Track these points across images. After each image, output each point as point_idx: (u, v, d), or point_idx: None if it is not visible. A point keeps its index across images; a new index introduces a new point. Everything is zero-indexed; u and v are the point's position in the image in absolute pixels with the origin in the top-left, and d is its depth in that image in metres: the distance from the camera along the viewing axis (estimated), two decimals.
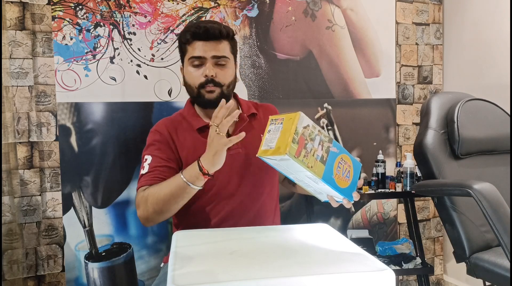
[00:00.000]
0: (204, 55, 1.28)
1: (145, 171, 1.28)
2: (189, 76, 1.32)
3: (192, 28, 1.29)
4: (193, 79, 1.31)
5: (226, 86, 1.32)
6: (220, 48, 1.29)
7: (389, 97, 2.30)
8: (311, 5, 2.13)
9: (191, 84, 1.32)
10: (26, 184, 1.78)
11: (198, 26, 1.28)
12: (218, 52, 1.28)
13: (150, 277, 1.93)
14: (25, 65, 1.76)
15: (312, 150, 0.95)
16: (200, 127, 1.34)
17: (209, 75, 1.28)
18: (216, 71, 1.29)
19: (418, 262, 2.01)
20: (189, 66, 1.31)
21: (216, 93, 1.30)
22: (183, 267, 0.80)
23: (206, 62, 1.29)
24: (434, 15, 2.36)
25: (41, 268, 1.82)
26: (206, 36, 1.27)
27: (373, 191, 2.00)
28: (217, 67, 1.29)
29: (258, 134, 1.34)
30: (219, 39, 1.29)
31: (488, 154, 1.69)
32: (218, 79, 1.29)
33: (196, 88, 1.31)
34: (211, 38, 1.28)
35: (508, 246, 1.22)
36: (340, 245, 0.94)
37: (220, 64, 1.30)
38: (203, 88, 1.30)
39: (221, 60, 1.30)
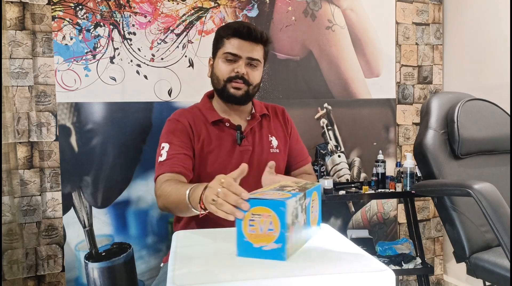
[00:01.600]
0: (240, 53, 1.31)
1: (163, 158, 1.29)
2: (219, 68, 1.34)
3: (236, 25, 1.33)
4: (222, 72, 1.34)
5: (253, 86, 1.36)
6: (256, 50, 1.33)
7: (389, 97, 2.30)
8: (311, 5, 2.13)
9: (219, 76, 1.35)
10: (26, 184, 1.78)
11: (241, 24, 1.32)
12: (253, 54, 1.32)
13: (150, 277, 1.93)
14: (25, 65, 1.76)
15: (300, 220, 0.87)
16: (215, 121, 1.38)
17: (240, 73, 1.32)
18: (248, 70, 1.33)
19: (418, 262, 2.01)
20: (221, 59, 1.34)
21: (242, 91, 1.34)
22: (183, 267, 0.80)
23: (239, 60, 1.32)
24: (434, 15, 2.36)
25: (41, 268, 1.82)
26: (247, 36, 1.30)
27: (373, 191, 2.00)
28: (248, 67, 1.33)
29: (267, 133, 1.43)
30: (257, 42, 1.32)
31: (488, 154, 1.69)
32: (248, 77, 1.33)
33: (223, 81, 1.34)
34: (251, 39, 1.31)
35: (508, 246, 1.22)
36: (340, 245, 0.94)
37: (252, 65, 1.34)
38: (230, 82, 1.33)
39: (254, 62, 1.34)
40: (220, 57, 1.34)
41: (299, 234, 0.86)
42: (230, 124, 1.38)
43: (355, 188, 2.04)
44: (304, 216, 0.88)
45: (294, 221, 0.82)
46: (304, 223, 0.89)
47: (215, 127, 1.38)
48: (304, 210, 0.88)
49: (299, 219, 0.85)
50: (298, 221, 0.85)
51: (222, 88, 1.35)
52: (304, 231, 0.90)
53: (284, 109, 1.54)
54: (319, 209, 0.98)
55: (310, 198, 0.92)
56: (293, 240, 0.83)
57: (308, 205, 0.91)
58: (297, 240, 0.86)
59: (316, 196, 0.96)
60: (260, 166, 1.37)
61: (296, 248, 0.86)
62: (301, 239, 0.88)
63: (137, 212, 1.93)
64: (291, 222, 0.81)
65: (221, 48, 1.34)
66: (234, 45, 1.31)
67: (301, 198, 0.86)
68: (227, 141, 1.37)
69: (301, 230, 0.87)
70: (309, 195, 0.92)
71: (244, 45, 1.31)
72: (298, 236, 0.86)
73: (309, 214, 0.91)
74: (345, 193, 1.98)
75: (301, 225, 0.87)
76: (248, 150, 1.38)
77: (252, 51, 1.32)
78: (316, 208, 0.96)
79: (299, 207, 0.86)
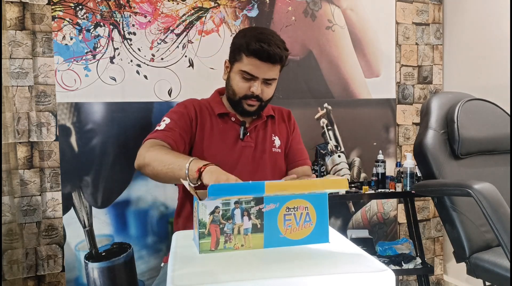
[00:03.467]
0: (257, 75, 1.32)
1: (161, 127, 1.32)
2: (235, 84, 1.35)
3: (255, 45, 1.28)
4: (239, 89, 1.35)
5: (266, 101, 1.39)
6: (273, 71, 1.33)
7: (389, 97, 2.30)
8: (311, 5, 2.13)
9: (235, 90, 1.36)
10: (26, 184, 1.78)
11: (261, 46, 1.27)
12: (270, 76, 1.33)
13: (150, 277, 1.93)
14: (25, 65, 1.75)
15: (234, 229, 0.84)
16: (221, 113, 1.40)
17: (255, 93, 1.33)
18: (263, 88, 1.35)
19: (418, 262, 2.01)
20: (238, 74, 1.34)
21: (255, 107, 1.37)
22: (183, 267, 0.80)
23: (256, 80, 1.33)
24: (434, 15, 2.35)
25: (41, 268, 1.82)
26: (266, 59, 1.30)
27: (373, 191, 2.01)
28: (263, 85, 1.35)
29: (270, 133, 1.45)
30: (275, 63, 1.32)
31: (488, 154, 1.69)
32: (262, 95, 1.35)
33: (239, 97, 1.36)
34: (270, 61, 1.31)
35: (508, 246, 1.22)
36: (340, 245, 0.94)
37: (267, 83, 1.35)
38: (245, 99, 1.35)
39: (270, 81, 1.35)
40: (237, 72, 1.34)
41: (232, 235, 0.86)
42: (235, 119, 1.41)
43: (355, 188, 2.05)
44: (255, 221, 0.86)
45: (218, 220, 0.84)
46: (257, 227, 0.86)
47: (220, 119, 1.40)
48: (255, 215, 0.86)
49: (234, 220, 0.85)
50: (223, 222, 0.85)
51: (236, 102, 1.37)
52: (254, 235, 0.86)
53: (290, 111, 1.56)
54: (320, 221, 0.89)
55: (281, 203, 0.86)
56: (217, 237, 0.84)
57: (271, 212, 0.86)
58: (230, 239, 0.85)
59: (308, 205, 0.89)
60: (260, 164, 1.39)
61: (229, 247, 0.85)
62: (245, 239, 0.86)
63: (137, 212, 1.92)
64: (211, 220, 0.84)
65: (239, 62, 1.33)
66: (252, 65, 1.31)
67: (244, 202, 0.85)
68: (230, 135, 1.40)
69: (240, 232, 0.86)
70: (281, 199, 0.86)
71: (262, 66, 1.30)
72: (231, 236, 0.86)
73: (269, 222, 0.86)
74: (345, 193, 1.98)
75: (237, 228, 0.85)
76: (250, 146, 1.40)
77: (269, 71, 1.32)
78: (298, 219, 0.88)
79: (237, 210, 0.85)
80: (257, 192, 0.83)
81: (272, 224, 0.86)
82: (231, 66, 1.38)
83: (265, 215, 0.86)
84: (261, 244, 0.85)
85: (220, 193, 0.81)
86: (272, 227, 0.86)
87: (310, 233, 0.88)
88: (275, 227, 0.86)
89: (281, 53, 1.31)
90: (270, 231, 0.85)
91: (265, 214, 0.86)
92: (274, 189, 0.82)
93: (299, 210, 0.87)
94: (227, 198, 0.84)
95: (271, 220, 0.86)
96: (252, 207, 0.85)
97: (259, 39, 1.29)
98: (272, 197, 0.86)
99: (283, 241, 0.86)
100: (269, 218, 0.85)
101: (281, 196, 0.87)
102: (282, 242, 0.86)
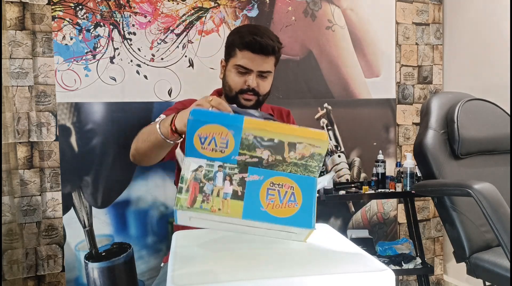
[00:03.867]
0: (251, 67, 1.33)
1: None
2: (231, 79, 1.36)
3: (248, 37, 1.30)
4: (235, 84, 1.36)
5: (263, 95, 1.39)
6: (267, 63, 1.34)
7: (389, 97, 2.30)
8: (311, 5, 2.13)
9: (231, 86, 1.37)
10: (26, 184, 1.78)
11: (254, 38, 1.30)
12: (264, 68, 1.34)
13: (150, 277, 1.93)
14: (25, 65, 1.75)
15: (214, 191, 0.81)
16: None
17: (251, 86, 1.34)
18: (258, 81, 1.35)
19: (418, 262, 2.01)
20: (233, 70, 1.35)
21: (252, 102, 1.37)
22: (183, 267, 0.80)
23: (251, 73, 1.34)
24: (434, 15, 2.35)
25: (41, 268, 1.82)
26: (260, 50, 1.31)
27: (373, 191, 2.01)
28: (259, 78, 1.35)
29: None
30: (268, 55, 1.33)
31: (488, 154, 1.69)
32: (258, 89, 1.35)
33: (235, 92, 1.36)
34: (263, 53, 1.31)
35: (508, 246, 1.22)
36: (340, 245, 0.94)
37: (263, 76, 1.36)
38: (241, 94, 1.36)
39: (265, 74, 1.35)
40: (232, 67, 1.36)
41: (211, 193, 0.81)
42: None
43: (355, 188, 2.05)
44: (237, 188, 0.82)
45: (199, 178, 0.81)
46: (237, 195, 0.82)
47: None
48: (237, 182, 0.82)
49: (215, 182, 0.82)
50: (204, 182, 0.81)
51: (233, 97, 1.38)
52: (234, 202, 0.82)
53: (290, 111, 1.56)
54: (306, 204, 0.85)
55: (266, 177, 0.84)
56: (195, 195, 0.81)
57: (254, 182, 0.83)
58: (208, 199, 0.81)
59: (294, 185, 0.84)
60: None
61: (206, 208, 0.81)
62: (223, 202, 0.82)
63: (137, 212, 1.93)
64: (193, 178, 0.81)
65: (233, 58, 1.35)
66: (246, 58, 1.32)
67: (234, 168, 0.82)
68: None
69: (219, 194, 0.82)
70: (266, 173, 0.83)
71: (255, 58, 1.32)
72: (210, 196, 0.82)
73: (251, 192, 0.82)
74: (345, 193, 1.98)
75: (217, 190, 0.82)
76: None
77: (263, 64, 1.33)
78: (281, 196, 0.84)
79: (219, 173, 0.82)
80: (235, 123, 0.80)
81: (254, 194, 0.82)
82: (226, 63, 1.40)
83: (247, 184, 0.82)
84: (240, 212, 0.81)
85: (201, 116, 0.80)
86: (253, 197, 0.82)
87: (293, 214, 0.83)
88: (256, 198, 0.82)
89: (274, 44, 1.32)
90: (250, 201, 0.81)
91: (248, 183, 0.82)
92: (252, 124, 0.81)
93: (284, 188, 0.83)
94: (210, 151, 0.81)
95: (253, 190, 0.82)
96: (236, 174, 0.82)
97: (252, 32, 1.31)
98: (257, 169, 0.83)
99: (263, 216, 0.82)
100: (251, 188, 0.82)
101: (266, 170, 0.84)
102: (262, 216, 0.82)
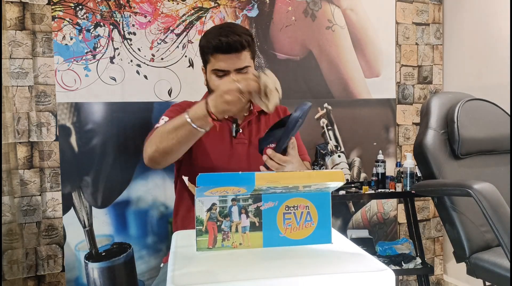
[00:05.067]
0: (227, 68, 1.31)
1: (160, 124, 1.31)
2: (212, 84, 1.35)
3: (214, 41, 1.30)
4: (216, 87, 1.33)
5: None
6: (241, 59, 1.32)
7: (389, 97, 2.30)
8: (311, 5, 2.13)
9: (214, 90, 1.34)
10: (26, 184, 1.78)
11: (220, 40, 1.29)
12: (240, 65, 1.32)
13: (150, 277, 1.93)
14: (25, 65, 1.75)
15: (232, 227, 0.82)
16: None
17: None
18: (239, 78, 1.32)
19: (418, 262, 2.01)
20: (213, 75, 1.34)
21: None
22: (183, 267, 0.80)
23: (229, 73, 1.32)
24: (434, 15, 2.35)
25: (41, 268, 1.82)
26: (228, 50, 1.29)
27: (373, 191, 2.00)
28: (239, 75, 1.32)
29: (264, 128, 1.43)
30: (240, 51, 1.31)
31: (488, 154, 1.69)
32: None
33: None
34: (233, 51, 1.30)
35: (508, 246, 1.22)
36: (340, 245, 0.94)
37: (242, 73, 1.33)
38: None
39: (243, 70, 1.33)
40: (211, 73, 1.35)
41: (230, 233, 0.84)
42: (227, 117, 1.39)
43: (355, 188, 2.04)
44: (253, 219, 0.84)
45: (215, 217, 0.83)
46: (255, 226, 0.85)
47: (214, 121, 1.38)
48: (253, 213, 0.84)
49: (232, 218, 0.84)
50: (221, 220, 0.83)
51: None
52: (253, 234, 0.85)
53: (286, 108, 1.54)
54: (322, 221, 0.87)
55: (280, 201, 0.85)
56: (214, 235, 0.83)
57: (270, 210, 0.84)
58: (228, 237, 0.84)
59: (309, 203, 0.86)
60: (255, 160, 1.37)
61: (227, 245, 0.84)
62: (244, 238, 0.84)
63: (137, 212, 1.93)
64: (209, 218, 0.82)
65: (209, 63, 1.34)
66: (220, 61, 1.31)
67: (246, 199, 0.83)
68: (224, 133, 1.39)
69: (237, 231, 0.85)
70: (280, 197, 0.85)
71: (228, 59, 1.30)
72: (230, 235, 0.84)
73: (268, 221, 0.84)
74: (345, 193, 1.98)
75: (235, 225, 0.84)
76: (244, 143, 1.40)
77: (238, 61, 1.31)
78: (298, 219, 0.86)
79: (234, 207, 0.84)
80: (247, 183, 0.80)
81: (271, 222, 0.84)
82: (205, 70, 1.39)
83: (263, 213, 0.84)
84: (260, 243, 0.84)
85: (209, 183, 0.78)
86: (271, 225, 0.84)
87: (311, 233, 0.86)
88: (274, 226, 0.84)
89: (241, 39, 1.30)
90: (269, 230, 0.84)
91: (264, 212, 0.84)
92: (264, 180, 0.79)
93: (299, 209, 0.85)
94: (223, 192, 0.81)
95: (270, 219, 0.84)
96: (250, 205, 0.83)
97: (217, 34, 1.30)
98: (270, 195, 0.84)
99: (283, 241, 0.84)
100: (268, 216, 0.84)
101: (279, 194, 0.85)
102: (282, 242, 0.85)
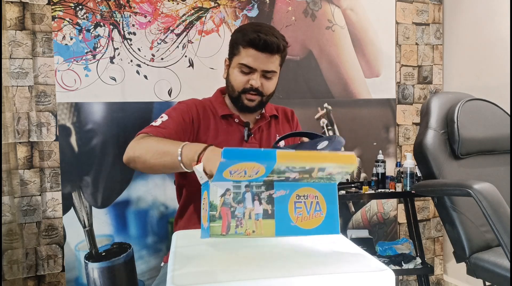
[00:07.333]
0: (255, 66, 1.28)
1: (157, 123, 1.27)
2: (234, 78, 1.32)
3: (252, 35, 1.26)
4: (237, 83, 1.32)
5: (267, 96, 1.35)
6: (271, 62, 1.29)
7: (389, 97, 2.30)
8: (311, 5, 2.13)
9: (234, 85, 1.33)
10: (26, 184, 1.78)
11: (258, 36, 1.25)
12: (268, 67, 1.29)
13: (150, 277, 1.93)
14: (25, 65, 1.76)
15: (245, 214, 0.82)
16: (225, 115, 1.37)
17: (254, 86, 1.30)
18: (262, 81, 1.31)
19: (418, 262, 2.01)
20: (236, 68, 1.31)
21: (256, 102, 1.33)
22: (183, 267, 0.80)
23: (254, 72, 1.29)
24: (434, 15, 2.36)
25: (41, 268, 1.82)
26: (263, 48, 1.26)
27: (373, 191, 2.00)
28: (263, 78, 1.31)
29: (275, 133, 1.42)
30: (273, 53, 1.28)
31: (488, 154, 1.69)
32: (262, 89, 1.31)
33: (238, 91, 1.33)
34: (268, 51, 1.27)
35: (508, 246, 1.22)
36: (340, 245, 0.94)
37: (267, 77, 1.31)
38: (244, 93, 1.32)
39: (269, 74, 1.31)
40: (235, 65, 1.32)
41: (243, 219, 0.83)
42: (239, 120, 1.38)
43: (355, 188, 2.04)
44: (266, 206, 0.84)
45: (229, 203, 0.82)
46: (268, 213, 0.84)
47: (224, 121, 1.37)
48: (266, 201, 0.84)
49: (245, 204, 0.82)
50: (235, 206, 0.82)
51: (236, 97, 1.34)
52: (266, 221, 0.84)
53: (293, 111, 1.52)
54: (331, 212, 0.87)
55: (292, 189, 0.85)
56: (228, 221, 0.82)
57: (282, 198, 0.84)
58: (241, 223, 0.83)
59: (317, 194, 0.87)
60: None
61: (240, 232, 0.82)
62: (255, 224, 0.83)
63: (137, 212, 1.93)
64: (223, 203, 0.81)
65: (237, 56, 1.31)
66: (250, 56, 1.27)
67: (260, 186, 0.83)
68: (235, 137, 1.37)
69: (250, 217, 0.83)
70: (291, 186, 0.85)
71: (259, 57, 1.27)
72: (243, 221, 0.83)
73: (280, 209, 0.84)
74: (345, 193, 1.98)
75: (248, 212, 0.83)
76: (255, 147, 1.38)
77: (268, 63, 1.28)
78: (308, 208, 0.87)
79: (248, 194, 0.83)
80: (269, 159, 0.79)
81: (283, 211, 0.84)
82: (230, 62, 1.36)
83: (276, 201, 0.84)
84: (273, 231, 0.82)
85: (234, 156, 0.77)
86: (283, 214, 0.84)
87: (320, 223, 0.86)
88: (286, 214, 0.84)
89: (279, 42, 1.27)
90: (281, 218, 0.83)
91: (276, 200, 0.84)
92: (285, 157, 0.79)
93: (309, 198, 0.85)
94: (242, 171, 0.80)
95: (282, 207, 0.84)
96: (263, 192, 0.83)
97: (256, 30, 1.27)
98: (282, 183, 0.84)
99: (294, 230, 0.84)
100: (280, 204, 0.84)
101: (291, 183, 0.85)
102: (293, 231, 0.84)
